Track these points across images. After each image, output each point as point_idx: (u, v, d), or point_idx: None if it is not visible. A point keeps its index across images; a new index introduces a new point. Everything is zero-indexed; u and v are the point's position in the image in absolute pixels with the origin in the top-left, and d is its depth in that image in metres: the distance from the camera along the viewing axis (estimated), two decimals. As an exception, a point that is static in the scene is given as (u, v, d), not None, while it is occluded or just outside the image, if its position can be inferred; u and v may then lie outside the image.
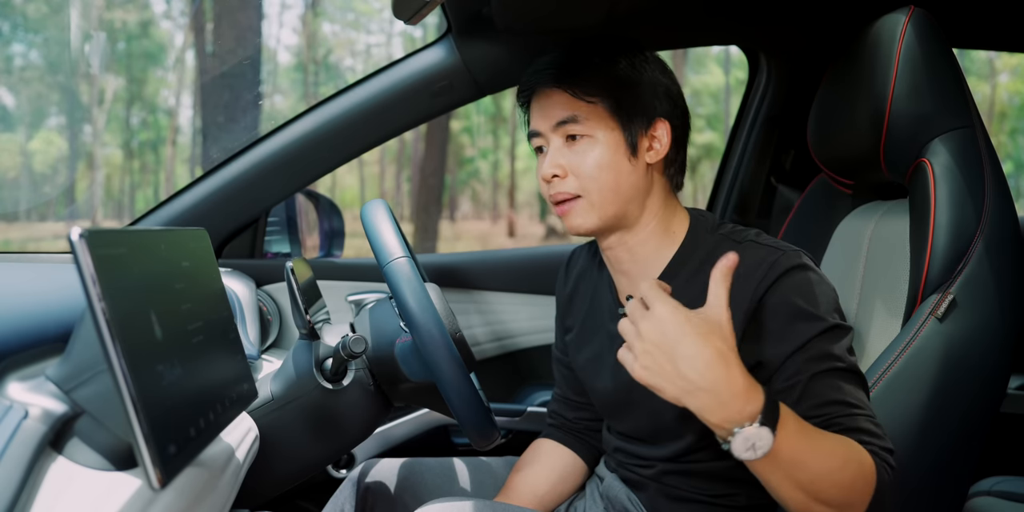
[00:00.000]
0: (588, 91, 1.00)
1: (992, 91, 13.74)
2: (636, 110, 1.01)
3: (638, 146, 1.01)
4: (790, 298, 0.91)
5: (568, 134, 1.01)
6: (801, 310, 0.91)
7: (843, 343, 0.91)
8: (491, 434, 1.04)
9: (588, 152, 1.00)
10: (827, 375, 0.89)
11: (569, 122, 1.00)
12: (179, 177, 13.84)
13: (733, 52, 11.00)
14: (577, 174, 1.00)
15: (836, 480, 0.80)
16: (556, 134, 1.02)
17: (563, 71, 1.02)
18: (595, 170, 1.00)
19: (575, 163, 1.00)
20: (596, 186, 1.00)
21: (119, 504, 0.64)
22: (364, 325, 1.16)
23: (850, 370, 0.91)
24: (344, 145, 1.46)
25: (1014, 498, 1.35)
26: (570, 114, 1.00)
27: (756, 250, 0.96)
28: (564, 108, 1.01)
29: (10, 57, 12.78)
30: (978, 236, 1.02)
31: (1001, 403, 1.07)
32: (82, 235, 0.59)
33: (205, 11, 11.17)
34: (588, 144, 1.00)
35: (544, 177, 1.02)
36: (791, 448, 0.77)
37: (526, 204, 15.99)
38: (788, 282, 0.92)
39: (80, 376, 0.67)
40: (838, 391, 0.88)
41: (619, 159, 1.00)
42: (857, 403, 0.89)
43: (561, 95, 1.01)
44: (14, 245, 10.73)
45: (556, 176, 1.01)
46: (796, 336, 0.90)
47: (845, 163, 1.28)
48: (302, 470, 1.12)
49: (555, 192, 1.02)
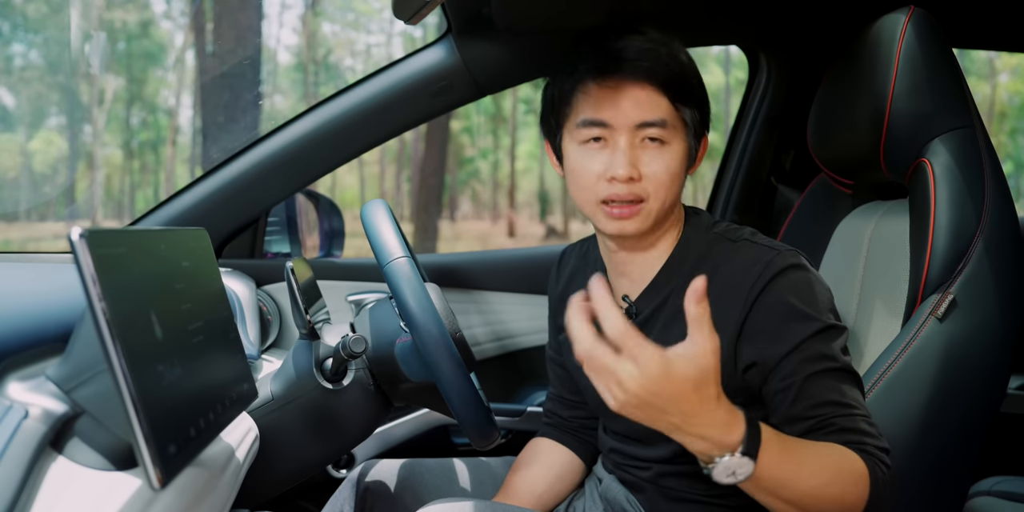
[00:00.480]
0: (684, 99, 0.97)
1: (992, 91, 13.73)
2: (704, 123, 1.01)
3: (695, 160, 1.02)
4: (785, 298, 0.91)
5: (648, 137, 0.96)
6: (796, 310, 0.91)
7: (838, 343, 0.91)
8: (491, 434, 1.04)
9: (665, 158, 0.96)
10: (822, 375, 0.89)
11: (655, 126, 0.95)
12: (179, 177, 13.84)
13: (733, 52, 10.99)
14: (648, 178, 0.96)
15: (825, 495, 0.80)
16: (633, 133, 0.95)
17: (662, 67, 0.95)
18: (667, 178, 0.96)
19: (652, 169, 0.95)
20: (663, 194, 0.96)
21: (119, 504, 0.64)
22: (364, 325, 1.16)
23: (845, 370, 0.91)
24: (344, 145, 1.46)
25: (1014, 498, 1.35)
26: (660, 118, 0.95)
27: (751, 249, 0.96)
28: (655, 109, 0.95)
29: (10, 57, 12.77)
30: (978, 236, 1.02)
31: (1001, 403, 1.07)
32: (82, 235, 0.59)
33: (205, 11, 11.16)
34: (665, 150, 0.96)
35: (617, 177, 0.94)
36: (774, 470, 0.77)
37: (526, 204, 15.98)
38: (783, 282, 0.92)
39: (80, 376, 0.67)
40: (833, 391, 0.88)
41: (683, 170, 0.99)
42: (852, 403, 0.89)
43: (654, 94, 0.95)
44: (14, 245, 10.72)
45: (632, 178, 0.95)
46: (791, 336, 0.90)
47: (845, 163, 1.28)
48: (302, 470, 1.12)
49: (624, 193, 0.95)
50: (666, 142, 0.96)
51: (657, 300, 1.02)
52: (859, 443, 0.86)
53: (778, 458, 0.77)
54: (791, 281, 0.92)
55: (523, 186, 15.84)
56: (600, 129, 0.97)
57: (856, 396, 0.90)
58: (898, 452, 1.00)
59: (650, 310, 1.02)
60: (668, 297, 1.01)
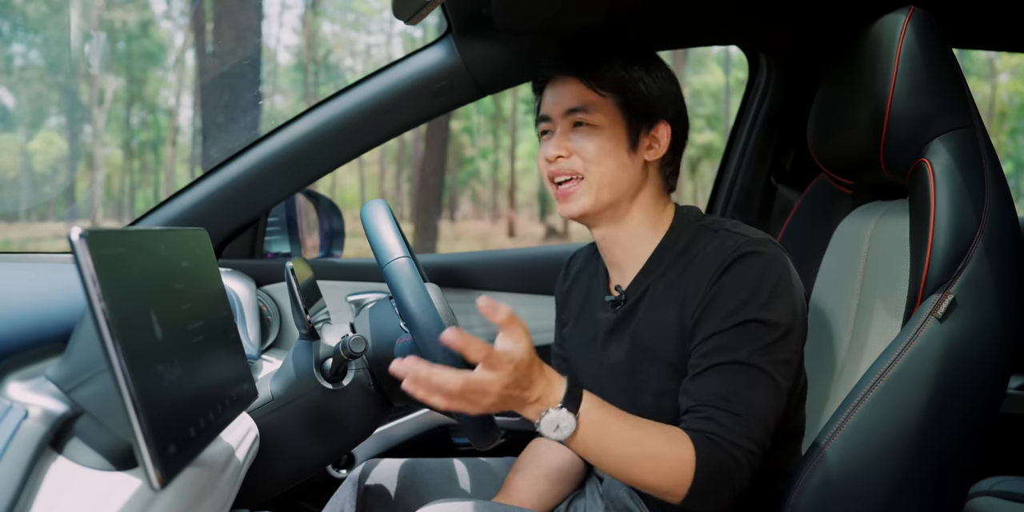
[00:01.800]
0: (602, 85, 1.07)
1: (992, 91, 13.74)
2: (642, 109, 1.07)
3: (639, 143, 1.07)
4: (732, 283, 0.97)
5: (576, 121, 1.07)
6: (734, 296, 0.96)
7: (763, 342, 0.95)
8: (491, 434, 1.04)
9: (592, 138, 1.06)
10: (723, 369, 0.94)
11: (579, 111, 1.07)
12: (179, 177, 13.84)
13: (733, 52, 10.99)
14: (581, 156, 1.06)
15: (647, 468, 0.90)
16: (565, 120, 1.08)
17: (582, 62, 1.08)
18: (598, 155, 1.06)
19: (579, 146, 1.06)
20: (597, 170, 1.06)
21: (119, 504, 0.64)
22: (364, 325, 1.16)
23: (747, 365, 0.94)
24: (344, 145, 1.46)
25: (1014, 498, 1.35)
26: (582, 103, 1.06)
27: (725, 237, 1.02)
28: (577, 97, 1.07)
29: (10, 57, 12.77)
30: (978, 236, 1.02)
31: (1001, 403, 1.07)
32: (82, 235, 0.59)
33: (205, 11, 11.16)
34: (593, 132, 1.06)
35: (548, 157, 1.07)
36: (596, 434, 0.88)
37: (526, 204, 15.99)
38: (737, 267, 0.98)
39: (80, 376, 0.67)
40: (723, 386, 0.94)
41: (620, 151, 1.06)
42: (730, 397, 0.93)
43: (576, 85, 1.07)
44: (14, 245, 10.73)
45: (560, 156, 1.07)
46: (720, 320, 0.96)
47: (845, 163, 1.28)
48: (302, 470, 1.12)
49: (558, 170, 1.07)
50: (596, 125, 1.06)
51: (643, 287, 1.08)
52: (709, 433, 0.91)
53: (601, 421, 0.88)
54: (744, 267, 0.97)
55: (523, 186, 15.84)
56: (546, 123, 1.11)
57: (744, 393, 0.93)
58: (898, 452, 1.00)
59: (636, 297, 1.08)
60: (649, 288, 1.07)
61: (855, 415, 1.01)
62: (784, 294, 0.97)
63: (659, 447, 0.90)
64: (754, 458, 0.93)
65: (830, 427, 1.02)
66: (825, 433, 1.02)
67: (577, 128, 1.07)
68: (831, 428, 1.02)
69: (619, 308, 1.10)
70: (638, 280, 1.09)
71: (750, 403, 0.93)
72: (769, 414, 0.94)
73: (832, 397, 1.21)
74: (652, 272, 1.08)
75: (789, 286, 0.98)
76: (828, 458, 1.01)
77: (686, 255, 1.04)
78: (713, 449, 0.91)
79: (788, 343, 0.96)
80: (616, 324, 1.10)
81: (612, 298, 1.12)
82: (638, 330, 1.07)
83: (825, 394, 1.23)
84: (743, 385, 0.94)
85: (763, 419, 0.93)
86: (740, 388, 0.94)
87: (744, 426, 0.92)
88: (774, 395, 0.95)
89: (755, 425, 0.93)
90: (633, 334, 1.08)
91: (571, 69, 1.08)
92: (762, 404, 0.94)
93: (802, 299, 1.01)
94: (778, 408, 0.96)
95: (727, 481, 0.91)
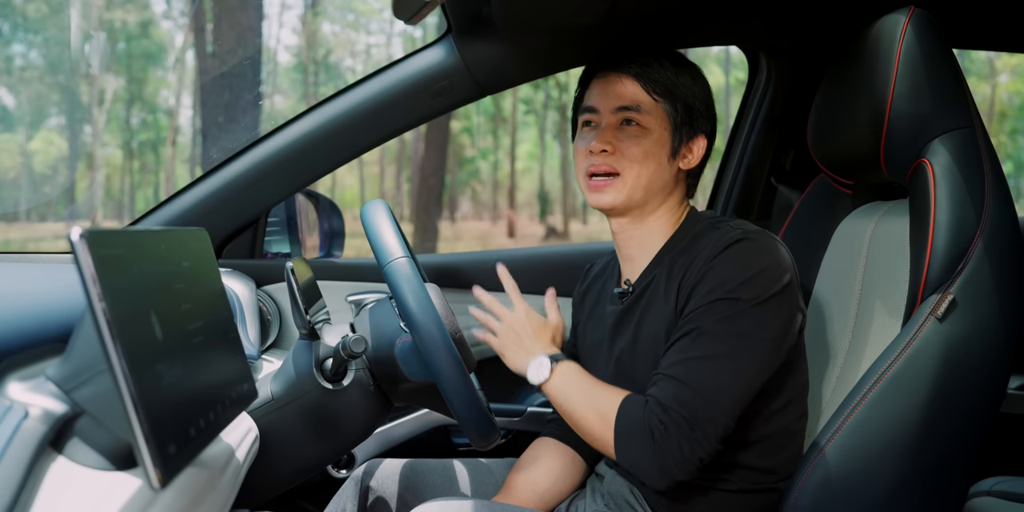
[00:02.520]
0: (658, 89, 1.10)
1: (992, 91, 13.74)
2: (688, 120, 1.12)
3: (679, 151, 1.12)
4: (717, 267, 1.01)
5: (626, 119, 1.10)
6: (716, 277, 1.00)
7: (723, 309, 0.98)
8: (491, 434, 1.04)
9: (639, 139, 1.10)
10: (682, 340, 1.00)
11: (632, 110, 1.10)
12: (179, 177, 13.84)
13: (733, 52, 11.00)
14: (624, 154, 1.09)
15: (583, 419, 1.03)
16: (614, 116, 1.11)
17: (647, 68, 1.11)
18: (641, 156, 1.09)
19: (625, 145, 1.10)
20: (636, 170, 1.09)
21: (119, 504, 0.64)
22: (364, 325, 1.16)
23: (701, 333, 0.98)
24: (344, 145, 1.46)
25: (1014, 498, 1.35)
26: (635, 103, 1.10)
27: (725, 230, 1.06)
28: (632, 96, 1.11)
29: (10, 57, 12.78)
30: (978, 236, 1.02)
31: (1001, 403, 1.07)
32: (82, 235, 0.59)
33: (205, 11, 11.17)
34: (641, 133, 1.10)
35: (592, 149, 1.10)
36: (560, 383, 1.06)
37: (526, 204, 15.98)
38: (728, 251, 1.01)
39: (80, 376, 0.67)
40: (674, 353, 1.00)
41: (661, 155, 1.11)
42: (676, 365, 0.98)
43: (632, 84, 1.11)
44: (14, 245, 10.73)
45: (605, 150, 1.10)
46: (699, 299, 1.00)
47: (845, 163, 1.28)
48: (302, 470, 1.12)
49: (599, 163, 1.10)
50: (643, 126, 1.10)
51: (648, 280, 1.12)
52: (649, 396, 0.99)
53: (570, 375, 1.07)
54: (732, 252, 1.01)
55: (523, 186, 15.84)
56: (590, 114, 1.14)
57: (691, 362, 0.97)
58: (898, 452, 1.00)
59: (642, 288, 1.12)
60: (653, 280, 1.11)
61: (855, 415, 1.01)
62: (766, 277, 0.99)
63: (597, 404, 1.02)
64: (690, 423, 0.94)
65: (830, 427, 1.02)
66: (825, 433, 1.03)
67: (625, 127, 1.10)
68: (831, 428, 1.02)
69: (625, 299, 1.14)
70: (646, 273, 1.13)
71: (693, 369, 0.97)
72: (716, 383, 0.96)
73: (832, 397, 1.21)
74: (657, 266, 1.12)
75: (775, 269, 1.00)
76: (828, 458, 1.01)
77: (690, 250, 1.07)
78: (639, 410, 0.98)
79: (755, 318, 0.98)
80: (622, 315, 1.13)
81: (620, 290, 1.16)
82: (642, 320, 1.10)
83: (825, 394, 1.23)
84: (691, 354, 0.98)
85: (707, 385, 0.95)
86: (687, 356, 0.98)
87: (681, 390, 0.96)
88: (727, 366, 0.96)
89: (697, 390, 0.95)
90: (637, 324, 1.10)
91: (629, 67, 1.11)
92: (713, 372, 0.96)
93: (793, 287, 1.02)
94: (731, 379, 0.96)
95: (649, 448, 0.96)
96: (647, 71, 1.10)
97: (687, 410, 0.95)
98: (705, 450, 0.95)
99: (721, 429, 0.95)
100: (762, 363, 0.98)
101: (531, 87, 14.74)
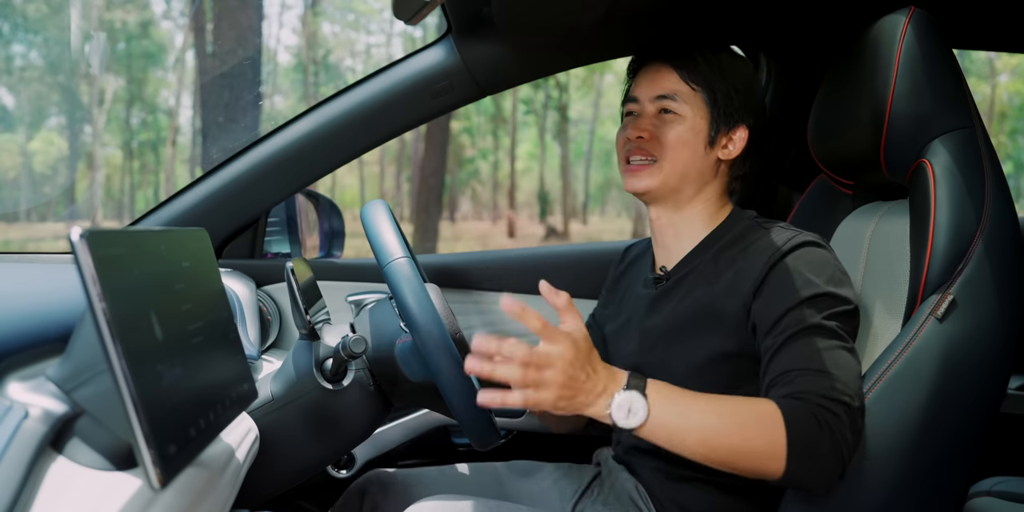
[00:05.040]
0: (695, 78, 1.13)
1: (992, 91, 13.75)
2: (727, 109, 1.13)
3: (716, 140, 1.14)
4: (796, 265, 1.01)
5: (663, 108, 1.14)
6: (801, 276, 1.00)
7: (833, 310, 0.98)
8: (491, 434, 1.04)
9: (674, 126, 1.12)
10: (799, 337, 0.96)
11: (668, 98, 1.13)
12: (179, 177, 13.85)
13: (733, 52, 10.93)
14: (660, 140, 1.12)
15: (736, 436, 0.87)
16: (653, 104, 1.14)
17: (686, 57, 1.14)
18: (676, 142, 1.12)
19: (661, 131, 1.13)
20: (671, 156, 1.12)
21: (119, 504, 0.64)
22: (364, 325, 1.16)
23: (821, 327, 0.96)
24: (344, 145, 1.46)
25: (1014, 498, 1.35)
26: (671, 92, 1.13)
27: (780, 231, 1.08)
28: (668, 85, 1.14)
29: (10, 57, 12.78)
30: (978, 236, 1.02)
31: (1001, 403, 1.07)
32: (82, 235, 0.59)
33: (205, 11, 11.17)
34: (677, 120, 1.13)
35: (630, 136, 1.14)
36: (671, 410, 0.87)
37: (526, 204, 15.99)
38: (799, 253, 1.03)
39: (80, 376, 0.67)
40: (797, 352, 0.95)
41: (697, 143, 1.13)
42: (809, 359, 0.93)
43: (670, 73, 1.14)
44: (14, 245, 10.73)
45: (641, 137, 1.13)
46: (788, 299, 0.99)
47: (845, 163, 1.28)
48: (302, 470, 1.12)
49: (636, 149, 1.13)
50: (680, 114, 1.13)
51: (686, 270, 1.14)
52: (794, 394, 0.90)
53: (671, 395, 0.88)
54: (806, 253, 1.03)
55: (523, 186, 15.85)
56: (632, 104, 1.18)
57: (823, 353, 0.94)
58: (898, 452, 1.00)
59: (677, 277, 1.14)
60: (695, 268, 1.12)
61: (855, 415, 1.01)
62: (846, 281, 1.03)
63: (741, 411, 0.88)
64: (851, 411, 0.90)
65: (830, 427, 1.02)
66: (825, 433, 1.02)
67: (662, 114, 1.13)
68: (831, 428, 1.02)
69: (660, 285, 1.16)
70: (685, 261, 1.14)
71: (833, 361, 0.94)
72: (853, 370, 0.95)
73: (832, 397, 1.21)
74: (698, 257, 1.13)
75: (848, 277, 1.04)
76: (828, 458, 1.01)
77: (738, 244, 1.09)
78: (802, 406, 0.88)
79: (855, 320, 1.01)
80: (655, 300, 1.15)
81: (655, 276, 1.18)
82: (679, 306, 1.11)
83: (825, 394, 1.23)
84: (820, 347, 0.95)
85: (848, 373, 0.94)
86: (817, 349, 0.95)
87: (830, 380, 0.91)
88: (852, 355, 0.96)
89: (842, 378, 0.92)
90: (673, 309, 1.11)
91: (664, 56, 1.15)
92: (845, 360, 0.95)
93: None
94: (859, 369, 0.96)
95: (827, 439, 0.88)
96: (687, 61, 1.13)
97: (847, 397, 0.91)
98: (857, 437, 0.93)
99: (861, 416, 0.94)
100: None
101: (531, 87, 14.74)
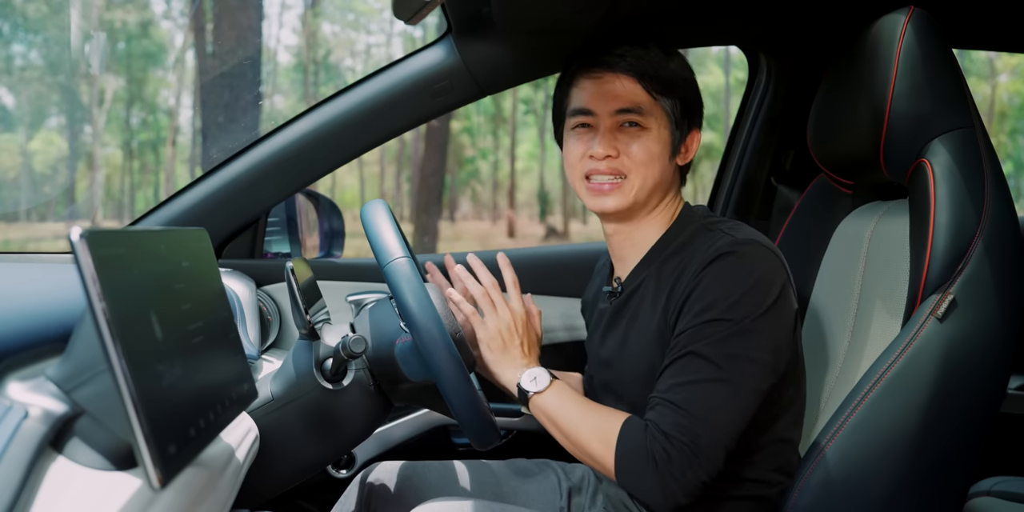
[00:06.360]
0: (660, 89, 1.06)
1: (992, 91, 13.74)
2: (687, 117, 1.10)
3: (679, 148, 1.10)
4: (705, 282, 0.98)
5: (627, 121, 1.06)
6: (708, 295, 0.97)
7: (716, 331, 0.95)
8: (491, 434, 1.04)
9: (642, 141, 1.06)
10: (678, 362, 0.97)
11: (633, 112, 1.06)
12: (179, 177, 13.84)
13: (733, 52, 10.99)
14: (628, 156, 1.06)
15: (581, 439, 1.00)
16: (613, 119, 1.06)
17: (642, 63, 1.06)
18: (645, 157, 1.06)
19: (629, 148, 1.06)
20: (643, 172, 1.06)
21: (119, 504, 0.64)
22: (364, 325, 1.16)
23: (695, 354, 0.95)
24: (344, 145, 1.46)
25: (1014, 498, 1.35)
26: (636, 105, 1.06)
27: (716, 235, 1.03)
28: (632, 98, 1.06)
29: (10, 57, 12.78)
30: (978, 236, 1.02)
31: (1001, 403, 1.07)
32: (82, 235, 0.59)
33: (205, 11, 11.17)
34: (644, 134, 1.06)
35: (595, 155, 1.06)
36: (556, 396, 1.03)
37: (526, 204, 15.98)
38: (714, 266, 0.98)
39: (80, 376, 0.67)
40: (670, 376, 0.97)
41: (664, 155, 1.08)
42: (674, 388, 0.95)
43: (632, 84, 1.06)
44: (14, 245, 10.73)
45: (610, 156, 1.06)
46: (690, 319, 0.97)
47: (845, 163, 1.28)
48: (302, 470, 1.12)
49: (605, 168, 1.06)
50: (645, 127, 1.06)
51: (636, 282, 1.10)
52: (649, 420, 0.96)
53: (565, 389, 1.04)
54: (719, 266, 0.98)
55: (523, 186, 15.84)
56: (585, 117, 1.08)
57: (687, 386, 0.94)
58: (898, 452, 1.00)
59: (631, 289, 1.11)
60: (644, 281, 1.08)
61: (855, 415, 1.01)
62: (756, 294, 0.96)
63: (597, 423, 0.99)
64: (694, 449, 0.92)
65: (830, 427, 1.02)
66: (825, 433, 1.02)
67: (626, 128, 1.06)
68: (831, 428, 1.02)
69: (615, 299, 1.13)
70: (635, 272, 1.11)
71: (696, 394, 0.94)
72: (715, 406, 0.93)
73: (832, 397, 1.21)
74: (647, 266, 1.10)
75: (765, 283, 0.97)
76: (828, 458, 1.01)
77: (682, 251, 1.05)
78: (643, 436, 0.94)
79: (748, 337, 0.95)
80: (612, 316, 1.13)
81: (610, 289, 1.15)
82: (631, 324, 1.09)
83: (825, 394, 1.23)
84: (690, 378, 0.95)
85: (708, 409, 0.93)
86: (686, 381, 0.95)
87: (682, 417, 0.93)
88: (725, 388, 0.94)
89: (697, 415, 0.93)
90: (626, 328, 1.10)
91: (629, 67, 1.05)
92: (710, 395, 0.93)
93: (787, 300, 0.99)
94: (729, 402, 0.94)
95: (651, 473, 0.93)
96: (642, 66, 1.05)
97: (689, 437, 0.92)
98: (708, 473, 0.93)
99: (723, 451, 0.94)
100: (759, 381, 0.96)
101: (531, 87, 14.74)
